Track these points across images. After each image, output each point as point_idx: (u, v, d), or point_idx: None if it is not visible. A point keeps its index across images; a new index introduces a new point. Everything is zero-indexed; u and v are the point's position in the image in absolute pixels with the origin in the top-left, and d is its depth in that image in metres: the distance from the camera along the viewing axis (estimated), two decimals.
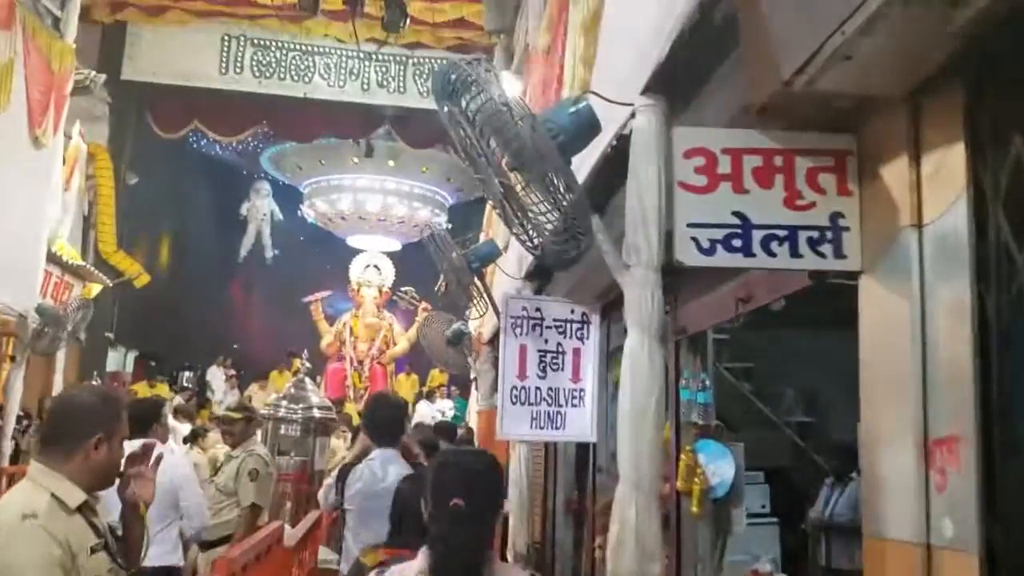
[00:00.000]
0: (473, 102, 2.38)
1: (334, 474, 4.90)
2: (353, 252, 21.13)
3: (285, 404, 6.88)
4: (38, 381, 12.44)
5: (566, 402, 4.74)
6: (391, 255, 21.03)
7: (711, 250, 2.45)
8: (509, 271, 6.09)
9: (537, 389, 4.66)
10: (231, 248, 21.82)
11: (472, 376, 11.38)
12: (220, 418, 6.91)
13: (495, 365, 9.19)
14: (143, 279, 15.18)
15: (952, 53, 2.05)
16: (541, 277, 5.97)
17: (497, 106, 2.28)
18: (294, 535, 6.05)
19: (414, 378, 19.59)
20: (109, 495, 2.70)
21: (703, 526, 4.53)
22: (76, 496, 2.45)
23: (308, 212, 20.87)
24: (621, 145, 2.84)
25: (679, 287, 3.83)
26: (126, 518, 2.69)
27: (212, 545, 5.50)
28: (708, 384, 4.75)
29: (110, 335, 15.07)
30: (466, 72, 2.36)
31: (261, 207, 21.89)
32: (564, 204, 2.48)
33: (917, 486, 2.13)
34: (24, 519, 2.34)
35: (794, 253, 2.49)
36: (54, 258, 10.08)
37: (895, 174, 2.32)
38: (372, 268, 20.62)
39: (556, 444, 6.59)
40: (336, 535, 5.76)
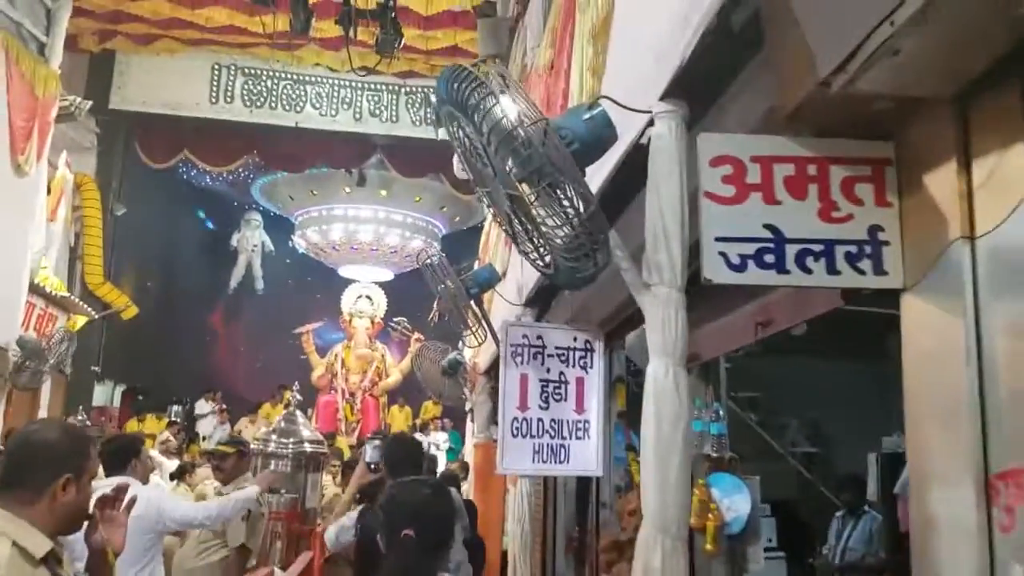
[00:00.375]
0: (480, 107, 2.18)
1: (351, 514, 4.74)
2: (345, 283, 20.94)
3: (275, 438, 6.60)
4: (22, 416, 12.16)
5: (570, 434, 4.52)
6: (383, 285, 20.86)
7: (742, 266, 2.24)
8: (508, 297, 5.89)
9: (539, 421, 4.43)
10: (221, 279, 21.57)
11: (468, 407, 11.16)
12: (211, 453, 6.63)
13: (492, 396, 9.02)
14: (131, 311, 14.92)
15: (1008, 48, 1.87)
16: (541, 303, 5.78)
17: (506, 111, 2.08)
18: None
19: (407, 410, 19.37)
20: (76, 539, 2.46)
21: (718, 565, 4.30)
22: (41, 545, 2.20)
23: (299, 242, 20.69)
24: (635, 156, 2.64)
25: (691, 310, 3.63)
26: (93, 566, 2.44)
27: None
28: (722, 415, 4.56)
29: (96, 368, 14.76)
30: (473, 75, 2.16)
31: (252, 238, 21.66)
32: (579, 218, 2.26)
33: (978, 527, 1.91)
34: None
35: (831, 270, 2.28)
36: (37, 289, 9.83)
37: (941, 183, 2.12)
38: (364, 298, 20.45)
39: (556, 478, 6.37)
40: None
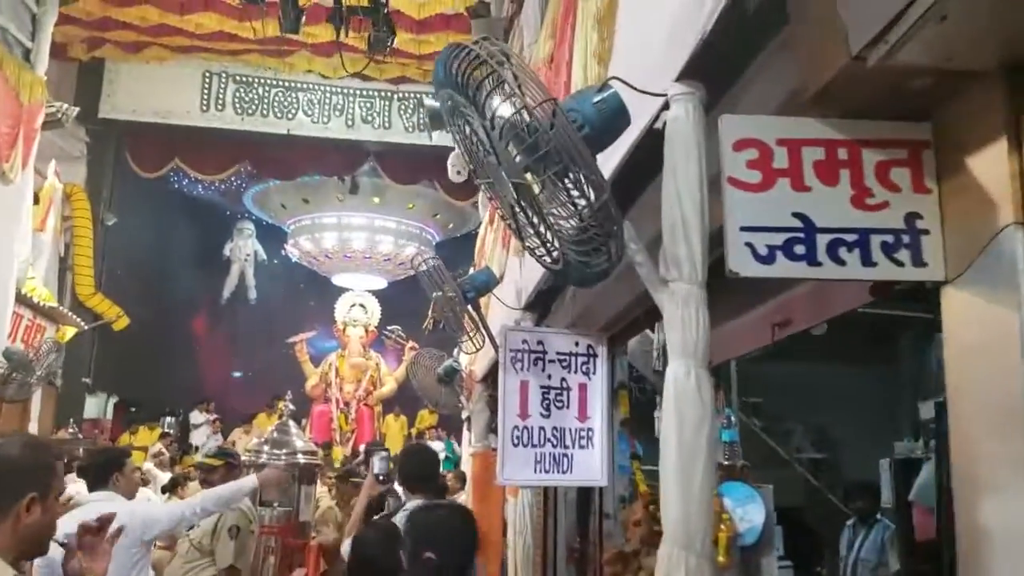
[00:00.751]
0: (482, 87, 2.00)
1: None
2: (338, 291, 20.76)
3: (267, 449, 6.39)
4: (12, 429, 11.94)
5: (573, 443, 4.35)
6: (377, 293, 20.69)
7: (770, 258, 2.06)
8: (507, 301, 5.72)
9: (541, 429, 4.24)
10: (214, 289, 21.36)
11: (465, 416, 10.96)
12: (199, 465, 6.41)
13: (489, 404, 8.82)
14: (122, 322, 14.69)
15: None
16: (541, 307, 5.61)
17: (513, 90, 1.89)
18: None
19: (403, 420, 19.18)
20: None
21: None
22: (2, 573, 2.00)
23: (292, 251, 20.51)
24: (649, 143, 2.46)
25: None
26: None
27: None
28: (733, 421, 4.38)
29: (87, 380, 14.52)
30: (474, 52, 1.97)
31: (244, 247, 21.44)
32: (591, 208, 2.08)
33: None
34: None
35: (866, 261, 2.09)
36: (25, 300, 9.60)
37: (989, 164, 1.94)
38: (358, 307, 20.30)
39: (557, 488, 6.19)
40: None
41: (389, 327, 18.51)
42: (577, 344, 4.43)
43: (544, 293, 5.29)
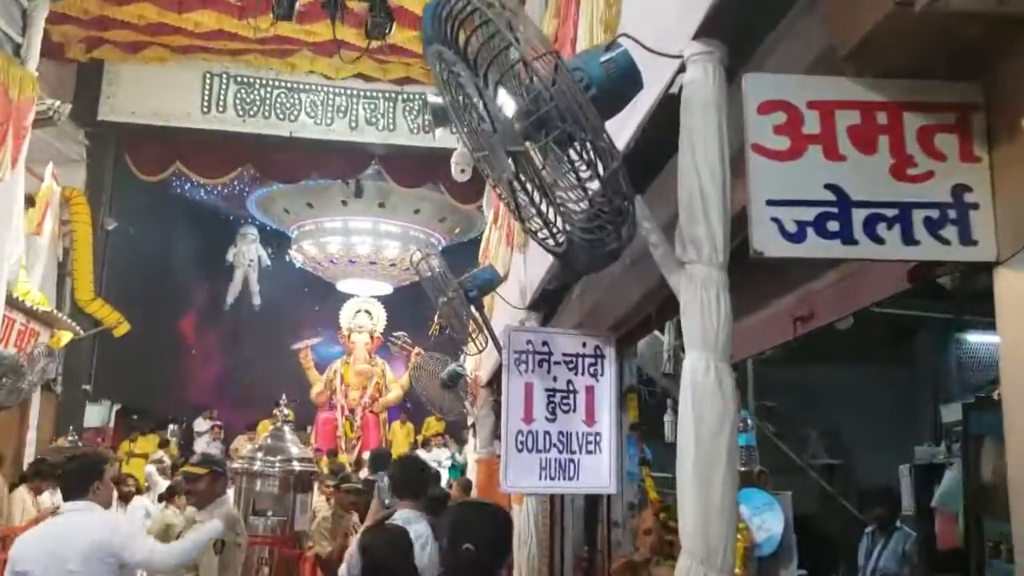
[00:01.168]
0: (473, 39, 1.76)
1: (353, 547, 4.47)
2: (343, 297, 20.55)
3: (261, 456, 6.15)
4: (11, 437, 11.75)
5: (580, 448, 4.19)
6: (383, 300, 20.46)
7: (800, 235, 1.83)
8: (511, 300, 5.52)
9: (546, 433, 4.08)
10: (217, 295, 21.15)
11: (470, 422, 10.76)
12: (183, 474, 6.15)
13: (494, 409, 8.61)
14: (122, 328, 14.44)
15: None
16: (547, 307, 5.40)
17: (508, 39, 1.66)
18: None
19: (409, 427, 18.97)
20: None
21: None
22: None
23: (296, 256, 20.30)
24: (662, 115, 2.22)
25: None
26: None
27: None
28: (750, 424, 4.15)
29: (87, 387, 14.29)
30: (465, 1, 1.74)
31: (248, 252, 21.24)
32: (599, 179, 1.84)
33: None
34: None
35: (908, 239, 1.86)
36: (17, 304, 9.38)
37: None
38: (363, 313, 20.11)
39: (564, 495, 5.98)
40: None
41: (395, 333, 18.30)
42: (584, 345, 4.26)
43: (550, 292, 5.11)
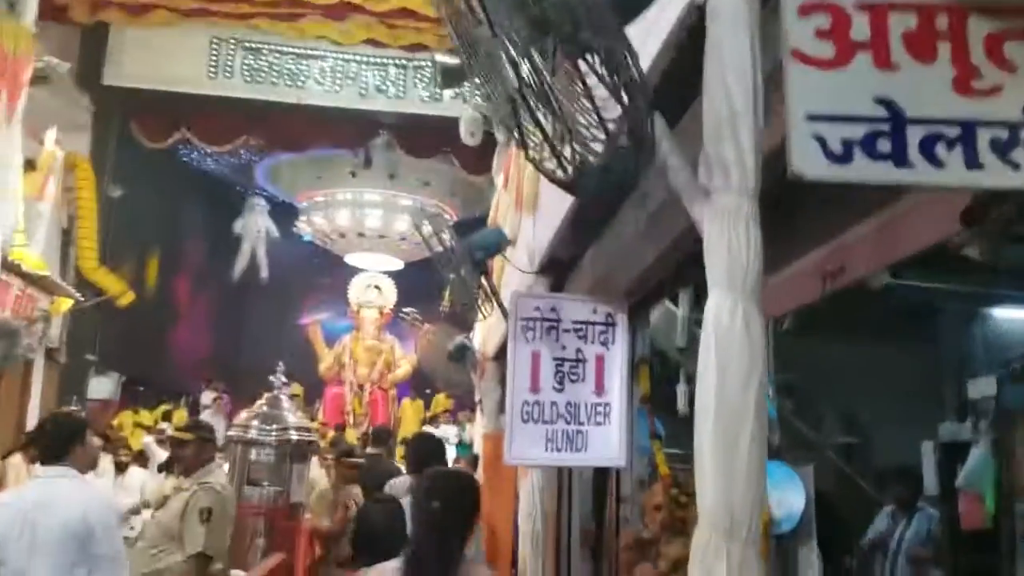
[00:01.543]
0: None
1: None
2: (352, 271, 20.37)
3: (257, 424, 5.94)
4: (11, 407, 11.62)
5: (588, 419, 3.98)
6: (392, 275, 20.26)
7: (846, 156, 1.56)
8: (519, 265, 5.31)
9: (553, 404, 3.91)
10: (224, 266, 20.99)
11: (477, 397, 10.58)
12: (169, 439, 5.94)
13: (501, 383, 8.39)
14: (127, 298, 14.27)
15: None
16: (556, 273, 5.18)
17: None
18: None
19: (419, 403, 18.88)
20: None
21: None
22: None
23: (305, 228, 20.11)
24: (687, 37, 1.96)
25: None
26: None
27: None
28: (771, 393, 3.91)
29: (92, 357, 14.15)
30: None
31: (255, 224, 21.04)
32: (611, 90, 1.59)
33: None
34: None
35: (971, 162, 1.59)
36: (14, 268, 9.19)
37: None
38: (373, 288, 20.01)
39: (571, 468, 5.79)
40: None
41: (405, 309, 18.19)
42: (595, 312, 4.09)
43: (560, 261, 4.89)
